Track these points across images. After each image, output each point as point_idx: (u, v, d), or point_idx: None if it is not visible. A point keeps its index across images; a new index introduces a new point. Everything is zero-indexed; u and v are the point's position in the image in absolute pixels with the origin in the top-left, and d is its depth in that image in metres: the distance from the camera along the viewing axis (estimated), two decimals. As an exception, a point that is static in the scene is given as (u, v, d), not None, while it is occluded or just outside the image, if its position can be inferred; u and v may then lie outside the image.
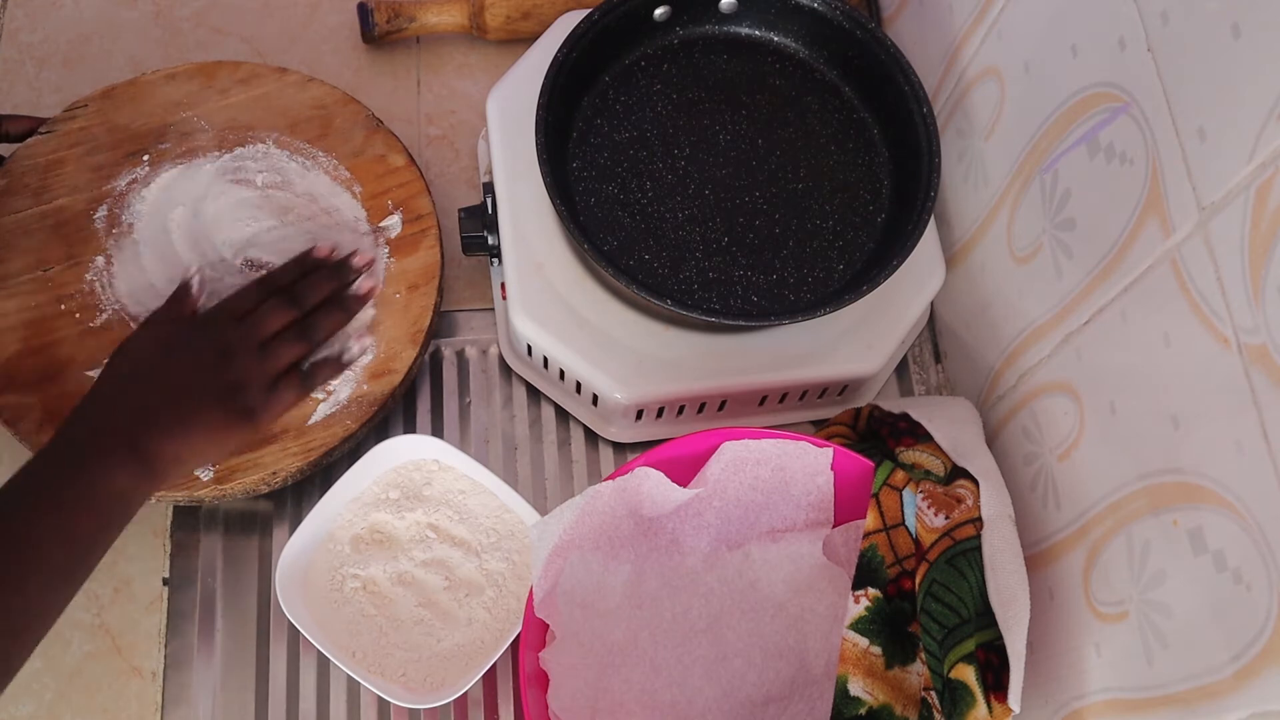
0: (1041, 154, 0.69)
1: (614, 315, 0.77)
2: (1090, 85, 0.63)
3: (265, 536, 0.80)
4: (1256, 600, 0.50)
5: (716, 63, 0.83)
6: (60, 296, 0.78)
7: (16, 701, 0.75)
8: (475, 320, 0.87)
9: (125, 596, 0.78)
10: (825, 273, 0.78)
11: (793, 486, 0.73)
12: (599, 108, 0.81)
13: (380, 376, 0.78)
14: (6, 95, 0.92)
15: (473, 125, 0.94)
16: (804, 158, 0.80)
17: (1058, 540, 0.68)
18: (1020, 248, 0.73)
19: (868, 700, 0.69)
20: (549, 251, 0.79)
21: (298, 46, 0.95)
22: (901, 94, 0.77)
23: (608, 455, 0.84)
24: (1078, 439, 0.66)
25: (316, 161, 0.84)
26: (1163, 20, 0.56)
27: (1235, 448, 0.51)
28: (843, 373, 0.78)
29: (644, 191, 0.79)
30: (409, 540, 0.76)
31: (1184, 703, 0.55)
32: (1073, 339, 0.66)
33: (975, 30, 0.77)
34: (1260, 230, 0.49)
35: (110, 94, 0.84)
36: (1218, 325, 0.52)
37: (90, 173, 0.82)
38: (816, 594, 0.73)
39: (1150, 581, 0.58)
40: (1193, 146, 0.54)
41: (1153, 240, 0.57)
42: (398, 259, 0.82)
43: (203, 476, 0.75)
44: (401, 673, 0.73)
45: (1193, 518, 0.54)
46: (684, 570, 0.74)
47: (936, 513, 0.70)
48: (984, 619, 0.66)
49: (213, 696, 0.76)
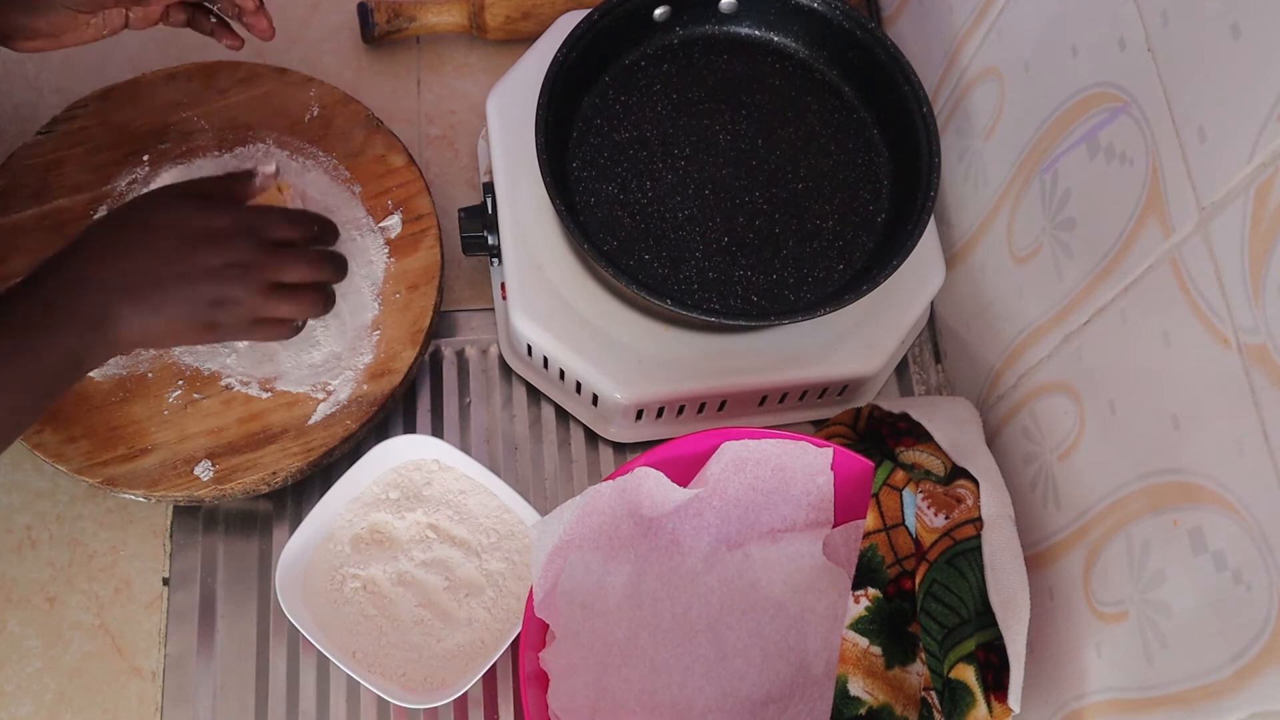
0: (1041, 154, 0.69)
1: (614, 315, 0.77)
2: (1090, 85, 0.63)
3: (265, 536, 0.80)
4: (1256, 600, 0.50)
5: (716, 63, 0.83)
6: (60, 296, 0.78)
7: (16, 701, 0.75)
8: (475, 320, 0.87)
9: (125, 596, 0.78)
10: (825, 273, 0.78)
11: (793, 486, 0.73)
12: (599, 108, 0.81)
13: (380, 376, 0.78)
14: (6, 95, 0.92)
15: (473, 125, 0.94)
16: (804, 158, 0.80)
17: (1058, 540, 0.68)
18: (1020, 248, 0.73)
19: (868, 700, 0.69)
20: (549, 251, 0.79)
21: (298, 46, 0.95)
22: (901, 94, 0.77)
23: (608, 455, 0.84)
24: (1078, 439, 0.66)
25: (316, 161, 0.84)
26: (1163, 20, 0.56)
27: (1235, 448, 0.51)
28: (843, 373, 0.78)
29: (644, 191, 0.79)
30: (409, 540, 0.76)
31: (1184, 703, 0.55)
32: (1073, 339, 0.66)
33: (975, 30, 0.77)
34: (1260, 230, 0.49)
35: (110, 94, 0.84)
36: (1218, 325, 0.52)
37: (90, 173, 0.82)
38: (816, 594, 0.73)
39: (1150, 581, 0.58)
40: (1193, 146, 0.54)
41: (1153, 240, 0.57)
42: (398, 259, 0.82)
43: (203, 476, 0.75)
44: (401, 673, 0.73)
45: (1193, 518, 0.54)
46: (684, 570, 0.74)
47: (936, 513, 0.70)
48: (984, 619, 0.66)
49: (213, 696, 0.76)
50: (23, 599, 0.78)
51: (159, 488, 0.75)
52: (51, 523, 0.80)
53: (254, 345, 0.77)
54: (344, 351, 0.79)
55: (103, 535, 0.79)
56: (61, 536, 0.79)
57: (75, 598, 0.78)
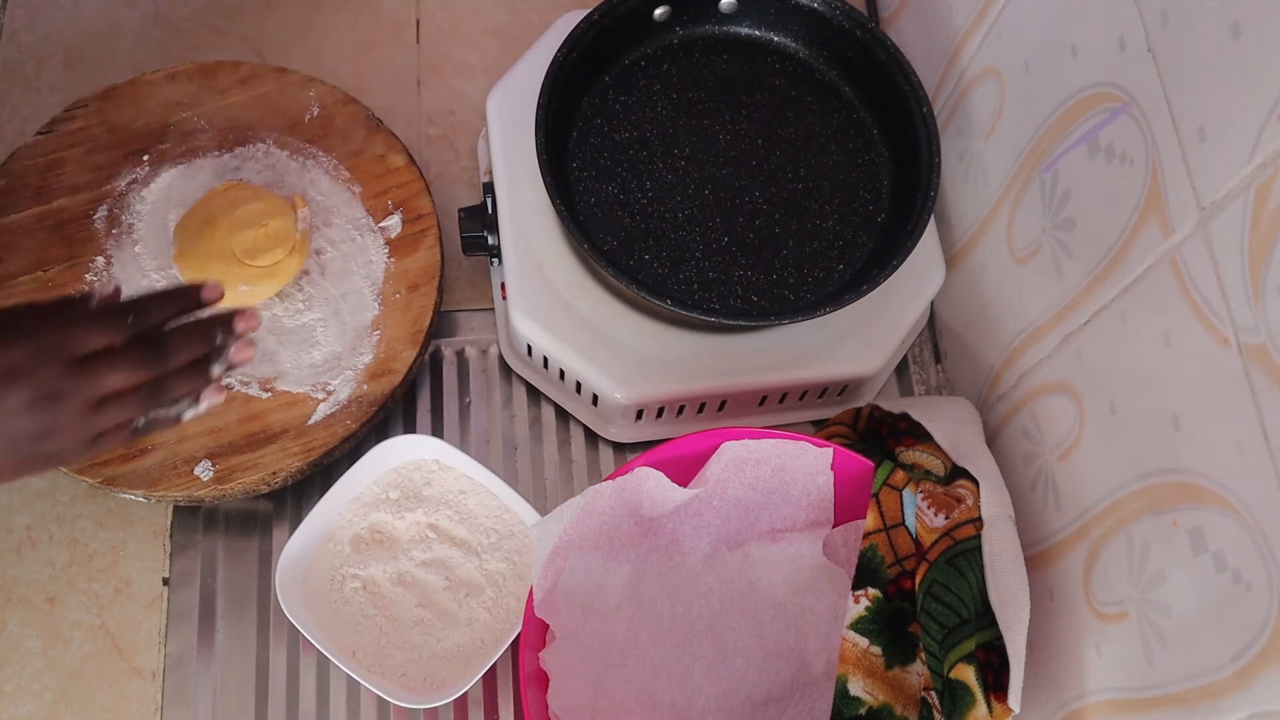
0: (1041, 154, 0.69)
1: (614, 315, 0.77)
2: (1090, 85, 0.63)
3: (265, 536, 0.80)
4: (1256, 600, 0.50)
5: (716, 63, 0.83)
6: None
7: (16, 701, 0.75)
8: (475, 320, 0.87)
9: (125, 596, 0.78)
10: (825, 273, 0.78)
11: (793, 486, 0.73)
12: (599, 108, 0.81)
13: (380, 376, 0.78)
14: (6, 95, 0.92)
15: (473, 125, 0.94)
16: (804, 158, 0.80)
17: (1058, 540, 0.68)
18: (1020, 248, 0.73)
19: (868, 700, 0.69)
20: (549, 251, 0.79)
21: (298, 46, 0.95)
22: (901, 94, 0.77)
23: (608, 455, 0.84)
24: (1078, 439, 0.66)
25: (316, 161, 0.84)
26: (1163, 20, 0.56)
27: (1235, 448, 0.51)
28: (843, 373, 0.78)
29: (644, 191, 0.79)
30: (409, 540, 0.76)
31: (1184, 703, 0.55)
32: (1073, 339, 0.66)
33: (975, 30, 0.77)
34: (1260, 230, 0.49)
35: (110, 94, 0.84)
36: (1218, 325, 0.52)
37: (90, 173, 0.82)
38: (816, 594, 0.73)
39: (1150, 581, 0.58)
40: (1193, 146, 0.54)
41: (1153, 240, 0.57)
42: (398, 259, 0.82)
43: (203, 476, 0.75)
44: (401, 673, 0.73)
45: (1193, 518, 0.54)
46: (684, 570, 0.74)
47: (936, 513, 0.70)
48: (984, 619, 0.66)
49: (213, 696, 0.76)
50: (23, 599, 0.78)
51: (159, 488, 0.75)
52: (51, 522, 0.80)
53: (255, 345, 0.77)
54: (344, 351, 0.79)
55: (103, 535, 0.79)
56: (61, 536, 0.79)
57: (75, 598, 0.78)
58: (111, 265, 0.79)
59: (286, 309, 0.79)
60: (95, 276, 0.79)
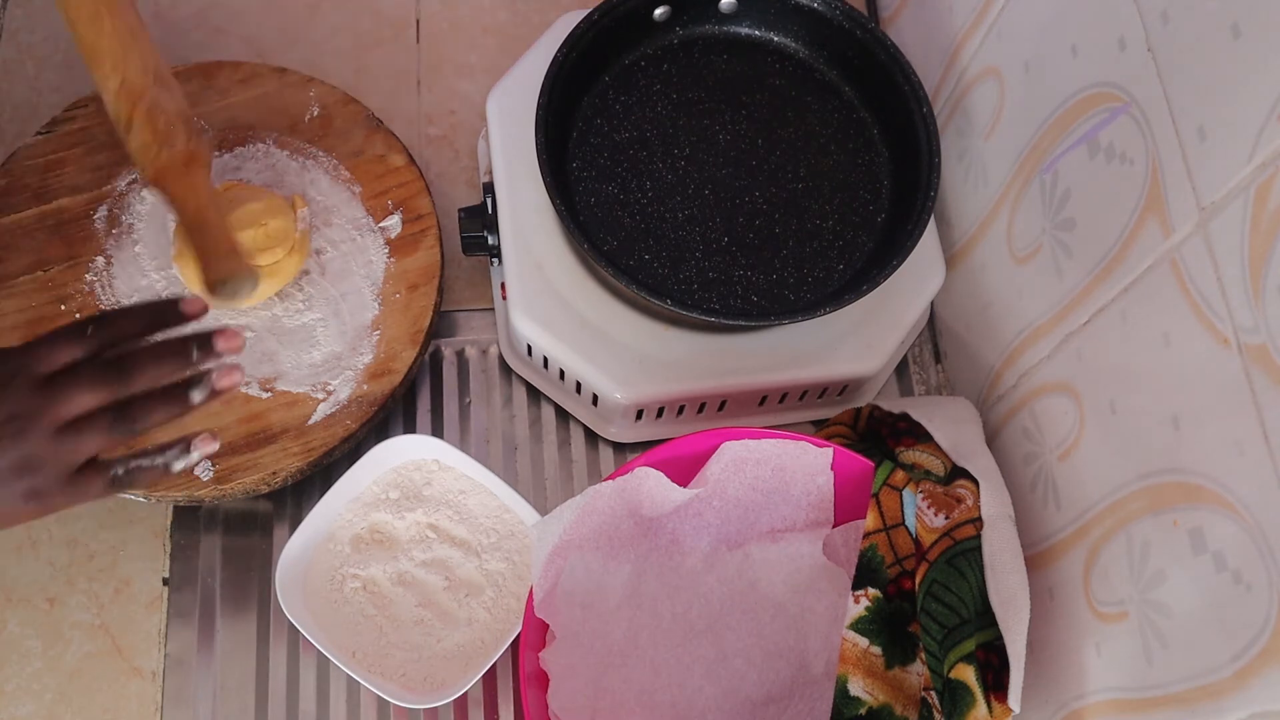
0: (1041, 154, 0.69)
1: (614, 315, 0.77)
2: (1090, 85, 0.63)
3: (265, 536, 0.80)
4: (1256, 600, 0.50)
5: (716, 63, 0.83)
6: (60, 297, 0.78)
7: (16, 701, 0.75)
8: (475, 320, 0.87)
9: (125, 596, 0.78)
10: (825, 273, 0.78)
11: (793, 486, 0.73)
12: (599, 108, 0.81)
13: (380, 376, 0.78)
14: (6, 95, 0.92)
15: (473, 125, 0.94)
16: (804, 158, 0.80)
17: (1058, 540, 0.68)
18: (1020, 248, 0.73)
19: (868, 700, 0.69)
20: (549, 251, 0.79)
21: (298, 46, 0.95)
22: (901, 94, 0.77)
23: (608, 455, 0.84)
24: (1078, 439, 0.66)
25: (316, 161, 0.84)
26: (1163, 20, 0.56)
27: (1235, 448, 0.51)
28: (843, 373, 0.78)
29: (644, 191, 0.79)
30: (409, 540, 0.76)
31: (1184, 703, 0.55)
32: (1073, 339, 0.66)
33: (975, 30, 0.77)
34: (1260, 230, 0.49)
35: (110, 94, 0.84)
36: (1218, 325, 0.52)
37: (90, 173, 0.82)
38: (816, 594, 0.73)
39: (1150, 581, 0.58)
40: (1193, 146, 0.54)
41: (1153, 240, 0.57)
42: (398, 259, 0.82)
43: (203, 476, 0.75)
44: (401, 673, 0.73)
45: (1193, 518, 0.54)
46: (684, 570, 0.74)
47: (936, 513, 0.70)
48: (984, 619, 0.66)
49: (213, 696, 0.76)
50: (23, 599, 0.78)
51: (159, 488, 0.75)
52: (51, 523, 0.80)
53: (255, 344, 0.77)
54: (344, 351, 0.79)
55: (102, 535, 0.79)
56: (61, 536, 0.79)
57: (75, 598, 0.78)
58: (111, 265, 0.79)
59: (286, 309, 0.79)
60: (95, 276, 0.79)
